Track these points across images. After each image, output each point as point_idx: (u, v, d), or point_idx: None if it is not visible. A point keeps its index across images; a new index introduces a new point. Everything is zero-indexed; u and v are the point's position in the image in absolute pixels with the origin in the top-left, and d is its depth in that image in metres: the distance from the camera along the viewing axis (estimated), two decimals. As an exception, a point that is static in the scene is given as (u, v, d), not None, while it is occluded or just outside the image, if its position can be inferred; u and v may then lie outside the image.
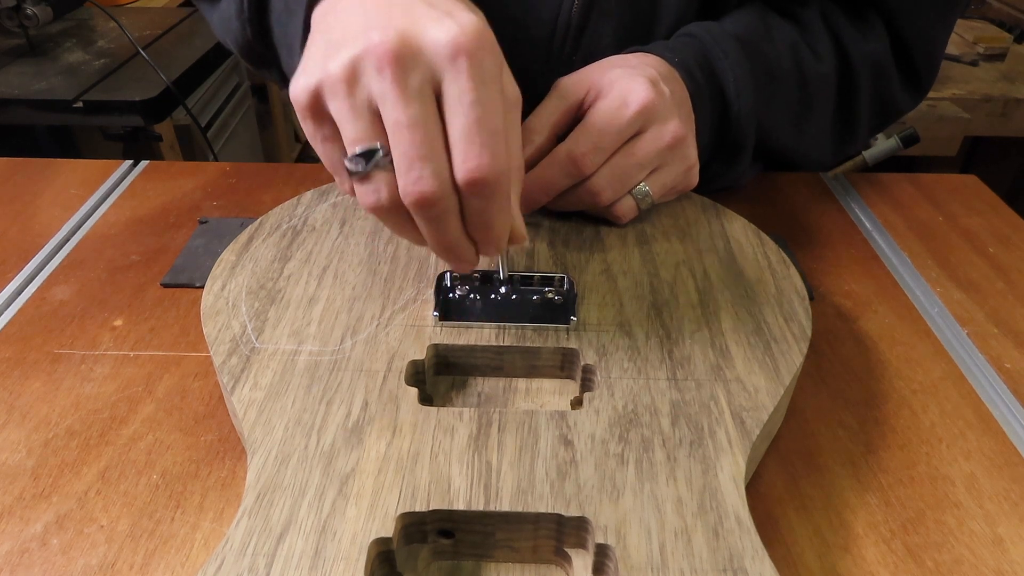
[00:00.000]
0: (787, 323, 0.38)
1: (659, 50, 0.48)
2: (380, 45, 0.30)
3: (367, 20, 0.32)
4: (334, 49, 0.32)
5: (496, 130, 0.31)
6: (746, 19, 0.52)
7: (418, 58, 0.31)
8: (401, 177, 0.31)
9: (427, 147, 0.31)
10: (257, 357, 0.35)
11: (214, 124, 1.43)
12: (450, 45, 0.31)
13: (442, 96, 0.31)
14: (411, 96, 0.31)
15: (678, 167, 0.44)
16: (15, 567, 0.31)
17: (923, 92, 0.59)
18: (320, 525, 0.28)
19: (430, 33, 0.31)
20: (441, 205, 0.32)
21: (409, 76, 0.31)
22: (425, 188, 0.31)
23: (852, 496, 0.34)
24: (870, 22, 0.55)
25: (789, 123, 0.53)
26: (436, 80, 0.31)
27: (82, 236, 0.52)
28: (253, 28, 0.48)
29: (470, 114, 0.31)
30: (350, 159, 0.32)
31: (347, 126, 0.32)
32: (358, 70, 0.31)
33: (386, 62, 0.30)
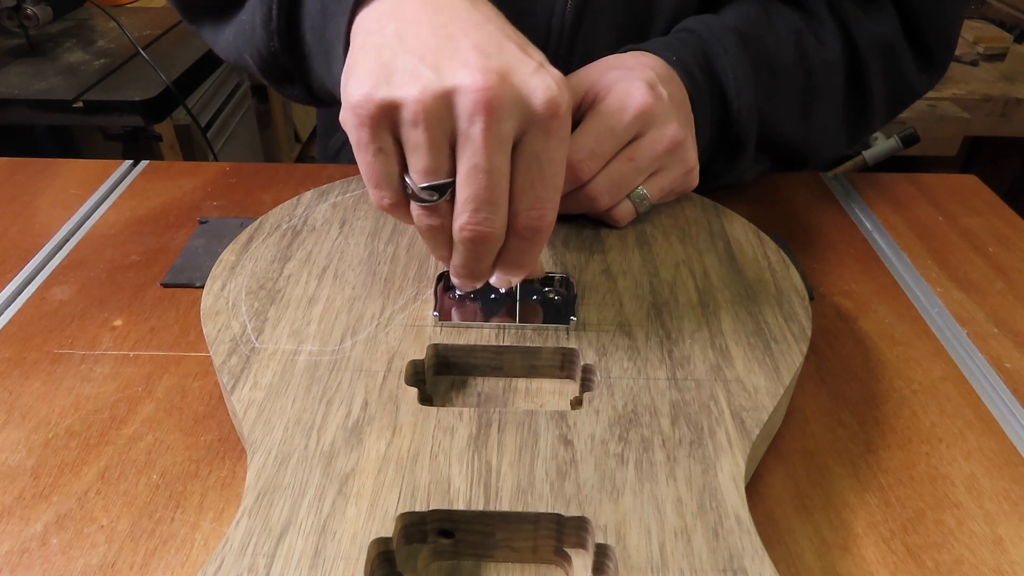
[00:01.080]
0: (787, 323, 0.38)
1: (657, 48, 0.47)
2: (482, 90, 0.30)
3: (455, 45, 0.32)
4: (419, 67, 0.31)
5: (559, 186, 0.33)
6: (747, 9, 0.51)
7: (512, 108, 0.31)
8: (466, 214, 0.32)
9: (498, 193, 0.32)
10: (257, 357, 0.35)
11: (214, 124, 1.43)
12: (548, 104, 0.31)
13: (520, 144, 0.32)
14: (497, 144, 0.31)
15: (677, 170, 0.44)
16: (15, 567, 0.31)
17: (939, 71, 0.58)
18: (320, 525, 0.28)
19: (530, 85, 0.31)
20: (492, 244, 0.33)
21: (502, 126, 0.31)
22: (487, 230, 0.32)
23: (852, 496, 0.34)
24: (878, 3, 0.53)
25: (794, 115, 0.52)
26: (521, 129, 0.32)
27: (82, 236, 0.52)
28: (282, 37, 0.45)
29: (547, 170, 0.32)
30: (423, 188, 0.32)
31: (423, 156, 0.32)
32: (450, 104, 0.31)
33: (483, 108, 0.30)
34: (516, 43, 0.33)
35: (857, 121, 0.56)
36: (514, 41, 0.33)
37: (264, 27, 0.45)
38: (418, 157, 0.32)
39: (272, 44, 0.46)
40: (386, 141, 0.32)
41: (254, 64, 0.49)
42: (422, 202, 0.33)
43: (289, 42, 0.46)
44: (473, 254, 0.34)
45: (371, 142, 0.32)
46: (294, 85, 0.49)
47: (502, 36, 0.33)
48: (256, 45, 0.47)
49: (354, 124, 0.32)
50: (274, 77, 0.49)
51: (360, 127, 0.32)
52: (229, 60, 0.52)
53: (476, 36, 0.32)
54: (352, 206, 0.47)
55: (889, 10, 0.54)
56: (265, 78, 0.50)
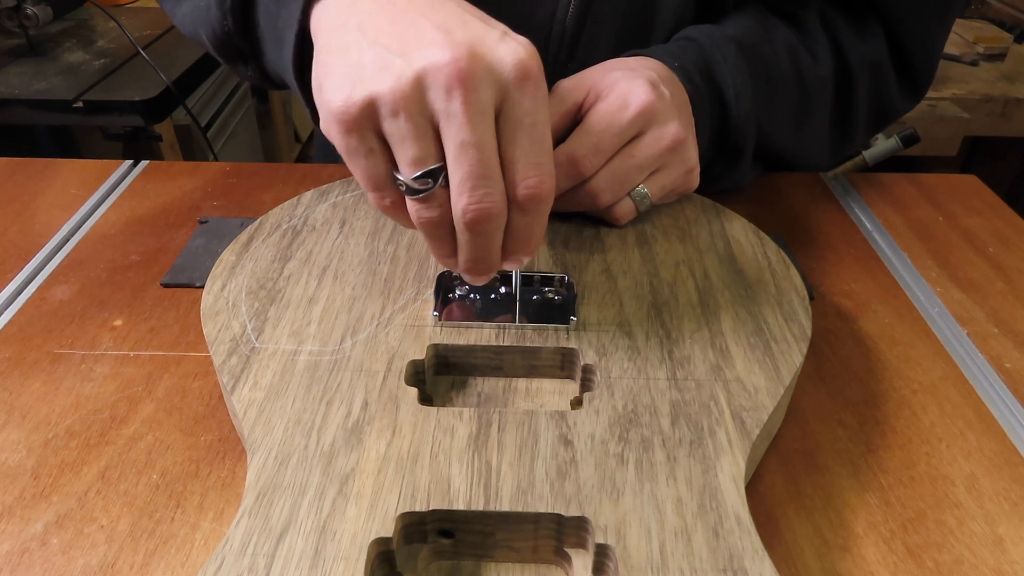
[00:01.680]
0: (787, 323, 0.38)
1: (658, 54, 0.47)
2: (452, 64, 0.30)
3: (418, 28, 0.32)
4: (388, 57, 0.31)
5: (550, 149, 0.33)
6: (744, 22, 0.52)
7: (486, 77, 0.31)
8: (463, 196, 0.31)
9: (491, 167, 0.31)
10: (257, 357, 0.35)
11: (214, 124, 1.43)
12: (518, 67, 0.31)
13: (501, 114, 0.32)
14: (479, 116, 0.31)
15: (678, 169, 0.44)
16: (15, 567, 0.31)
17: (920, 94, 0.59)
18: (320, 525, 0.28)
19: (498, 52, 0.31)
20: (497, 221, 0.32)
21: (478, 95, 0.30)
22: (489, 206, 0.32)
23: (852, 496, 0.34)
24: (869, 24, 0.55)
25: (788, 126, 0.53)
26: (498, 99, 0.31)
27: (82, 236, 0.52)
28: (236, 18, 0.45)
29: (531, 135, 0.32)
30: (415, 179, 0.32)
31: (409, 145, 0.31)
32: (423, 86, 0.31)
33: (457, 82, 0.30)
34: (478, 17, 0.33)
35: (841, 136, 0.58)
36: (475, 15, 0.33)
37: (219, 6, 0.45)
38: (405, 148, 0.32)
39: (226, 23, 0.45)
40: (374, 141, 0.32)
41: (208, 42, 0.49)
42: (416, 194, 0.32)
43: (243, 24, 0.45)
44: (480, 238, 0.33)
45: (360, 146, 0.32)
46: (247, 65, 0.49)
47: (462, 12, 0.33)
48: (211, 23, 0.46)
49: (340, 132, 0.32)
50: (228, 56, 0.49)
51: (347, 134, 0.32)
52: (186, 34, 0.52)
53: (437, 16, 0.32)
54: (352, 206, 0.47)
55: (879, 31, 0.55)
56: (219, 56, 0.50)
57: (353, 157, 0.33)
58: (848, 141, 0.58)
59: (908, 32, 0.55)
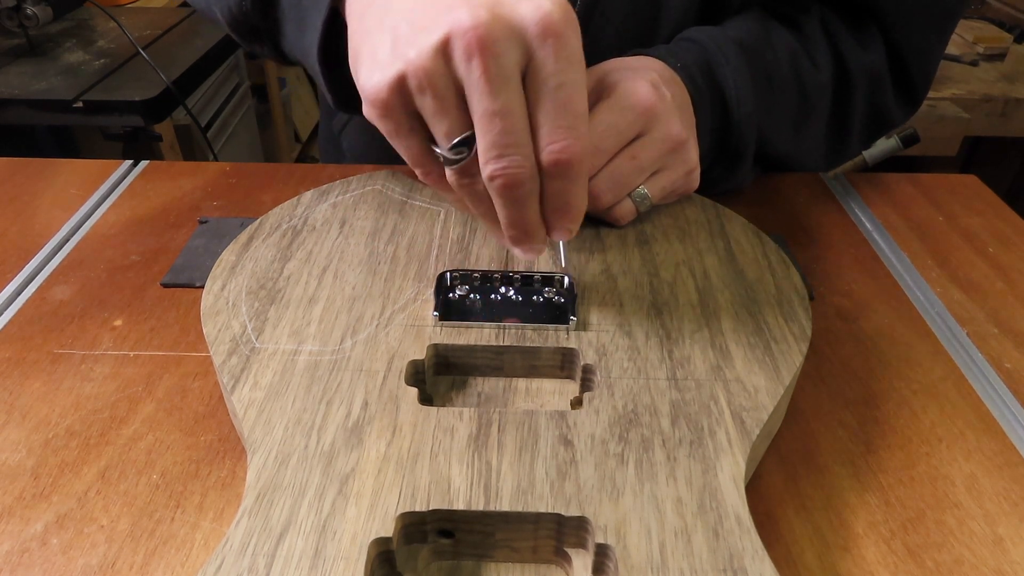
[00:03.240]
0: (787, 323, 0.38)
1: (661, 54, 0.47)
2: (471, 29, 0.29)
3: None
4: (412, 32, 0.30)
5: (581, 112, 0.31)
6: (747, 25, 0.52)
7: (507, 40, 0.29)
8: (490, 163, 0.31)
9: (517, 133, 0.30)
10: (257, 357, 0.35)
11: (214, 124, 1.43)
12: (541, 23, 0.29)
13: (527, 74, 0.30)
14: (501, 83, 0.29)
15: (678, 170, 0.44)
16: (15, 567, 0.31)
17: (916, 105, 0.59)
18: (320, 525, 0.28)
19: (519, 10, 0.30)
20: (527, 187, 0.32)
21: (500, 62, 0.29)
22: (515, 171, 0.31)
23: (852, 496, 0.34)
24: (869, 33, 0.55)
25: (787, 130, 0.53)
26: (524, 60, 0.30)
27: (82, 236, 0.52)
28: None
29: (559, 97, 0.30)
30: (451, 149, 0.31)
31: (440, 119, 0.31)
32: (446, 56, 0.30)
33: (476, 47, 0.29)
34: None
35: (837, 143, 0.58)
36: None
37: None
38: (437, 122, 0.31)
39: (244, 3, 0.44)
40: (412, 121, 0.32)
41: (223, 19, 0.47)
42: (453, 164, 0.32)
43: (263, 3, 0.44)
44: (513, 203, 0.32)
45: (399, 126, 0.32)
46: (263, 44, 0.48)
47: None
48: (228, 2, 0.45)
49: (377, 116, 0.32)
50: (242, 34, 0.48)
51: (385, 117, 0.31)
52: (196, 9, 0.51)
53: None
54: (352, 206, 0.47)
55: (878, 40, 0.55)
56: (233, 33, 0.49)
57: (395, 138, 0.32)
58: (843, 148, 0.58)
59: (907, 43, 0.55)
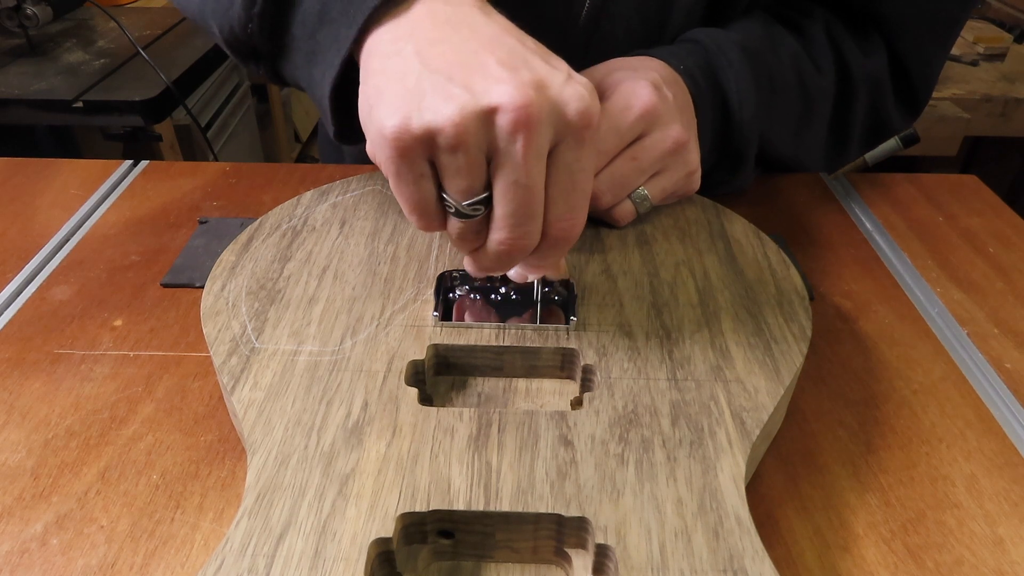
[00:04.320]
0: (787, 323, 0.38)
1: (663, 55, 0.47)
2: (523, 108, 0.29)
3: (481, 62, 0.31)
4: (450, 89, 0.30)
5: (589, 192, 0.33)
6: (750, 28, 0.52)
7: (549, 121, 0.30)
8: (504, 230, 0.32)
9: (536, 207, 0.32)
10: (257, 357, 0.35)
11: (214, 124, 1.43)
12: (582, 115, 0.31)
13: (552, 154, 0.32)
14: (535, 160, 0.30)
15: (679, 172, 0.44)
16: (15, 567, 0.31)
17: (917, 112, 0.59)
18: (320, 525, 0.28)
19: (564, 96, 0.31)
20: (525, 253, 0.33)
21: (540, 139, 0.30)
22: (523, 244, 0.33)
23: (852, 496, 0.34)
24: (871, 40, 0.55)
25: (788, 133, 0.53)
26: (555, 141, 0.31)
27: (82, 236, 0.52)
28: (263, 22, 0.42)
29: (577, 180, 0.32)
30: (469, 205, 0.32)
31: (463, 177, 0.31)
32: (488, 123, 0.30)
33: (522, 126, 0.29)
34: (539, 54, 0.32)
35: (836, 147, 0.58)
36: (537, 52, 0.32)
37: (244, 8, 0.42)
38: (459, 179, 0.31)
39: (250, 26, 0.43)
40: (424, 168, 0.32)
41: (219, 35, 0.46)
42: (466, 218, 0.33)
43: (271, 29, 0.43)
44: (506, 261, 0.34)
45: (410, 172, 0.31)
46: (259, 65, 0.47)
47: (524, 49, 0.32)
48: (229, 20, 0.44)
49: (391, 157, 0.31)
50: (239, 53, 0.47)
51: (400, 159, 0.31)
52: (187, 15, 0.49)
53: (500, 51, 0.31)
54: (352, 206, 0.47)
55: (881, 46, 0.55)
56: (228, 50, 0.47)
57: (400, 182, 0.32)
58: (843, 152, 0.58)
59: (909, 50, 0.55)
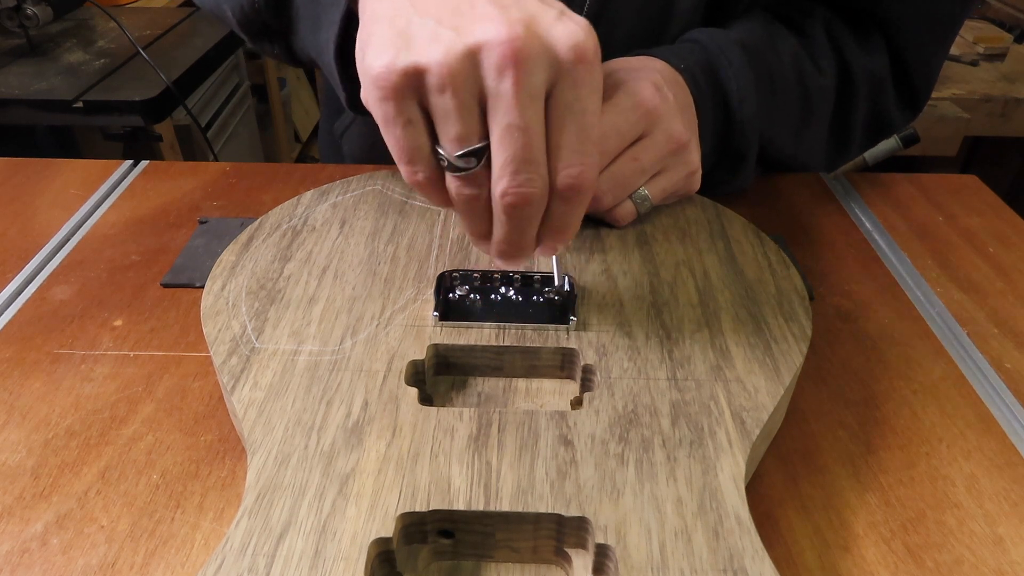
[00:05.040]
0: (787, 323, 0.38)
1: (664, 54, 0.47)
2: (507, 42, 0.28)
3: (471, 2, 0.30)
4: (437, 29, 0.30)
5: (595, 138, 0.31)
6: (751, 28, 0.52)
7: (540, 58, 0.29)
8: (504, 179, 0.30)
9: (536, 151, 0.30)
10: (257, 357, 0.35)
11: (214, 124, 1.43)
12: (575, 50, 0.30)
13: (551, 96, 0.30)
14: (528, 99, 0.29)
15: (680, 172, 0.44)
16: (15, 567, 0.31)
17: (917, 111, 0.59)
18: (320, 525, 0.28)
19: (554, 33, 0.30)
20: (536, 207, 0.31)
21: (531, 79, 0.29)
22: (530, 191, 0.31)
23: (852, 496, 0.34)
24: (872, 39, 0.55)
25: (788, 133, 0.53)
26: (550, 81, 0.30)
27: (82, 236, 0.52)
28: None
29: (581, 122, 0.31)
30: (460, 156, 0.31)
31: (454, 122, 0.30)
32: (476, 62, 0.29)
33: (510, 62, 0.29)
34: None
35: (837, 146, 0.58)
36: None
37: None
38: (449, 124, 0.30)
39: (257, 2, 0.44)
40: (414, 112, 0.31)
41: (233, 18, 0.47)
42: (459, 171, 0.31)
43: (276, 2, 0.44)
44: (517, 221, 0.32)
45: (398, 115, 0.30)
46: (274, 44, 0.47)
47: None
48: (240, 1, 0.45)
49: (378, 98, 0.31)
50: (253, 33, 0.47)
51: (384, 100, 0.30)
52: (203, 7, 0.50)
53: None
54: (352, 206, 0.47)
55: (881, 45, 0.55)
56: (243, 32, 0.48)
57: (389, 126, 0.31)
58: (844, 151, 0.58)
59: (909, 49, 0.55)
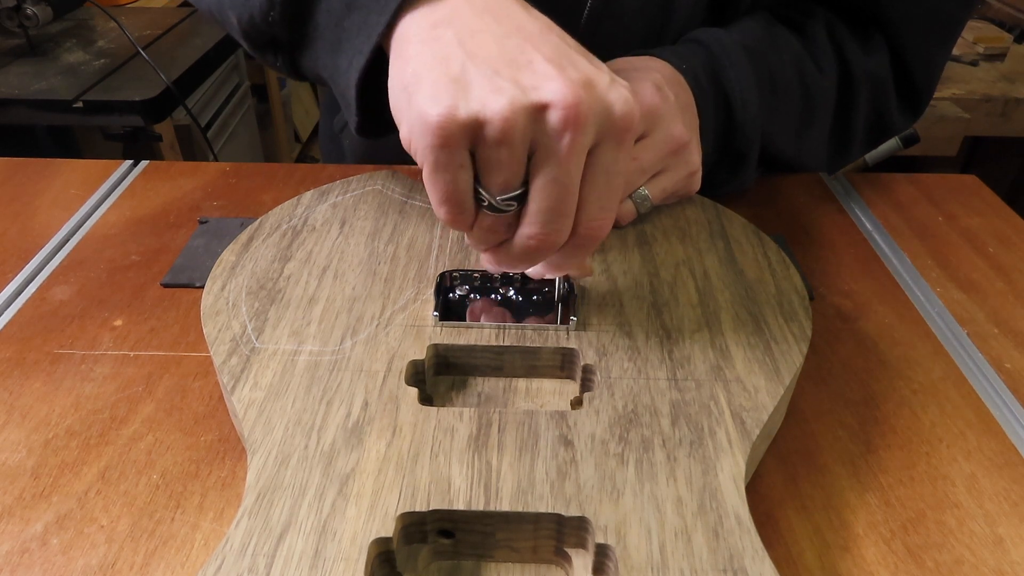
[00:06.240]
0: (787, 323, 0.38)
1: (666, 55, 0.47)
2: (573, 107, 0.29)
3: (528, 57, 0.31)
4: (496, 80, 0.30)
5: (620, 194, 0.33)
6: (752, 28, 0.52)
7: (594, 123, 0.30)
8: (535, 225, 0.32)
9: (570, 205, 0.31)
10: (257, 357, 0.35)
11: (214, 124, 1.43)
12: (626, 119, 0.31)
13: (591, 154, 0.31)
14: (576, 159, 0.30)
15: (680, 172, 0.44)
16: (15, 567, 0.31)
17: (919, 112, 0.59)
18: (320, 525, 0.28)
19: (610, 97, 0.30)
20: (554, 250, 0.33)
21: (585, 140, 0.30)
22: (555, 240, 0.32)
23: (852, 496, 0.34)
24: (873, 40, 0.55)
25: (789, 134, 0.53)
26: (595, 142, 0.31)
27: (82, 236, 0.52)
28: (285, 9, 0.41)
29: (613, 183, 0.32)
30: (504, 200, 0.31)
31: (504, 171, 0.31)
32: (537, 119, 0.30)
33: (571, 124, 0.29)
34: (582, 54, 0.32)
35: (838, 148, 0.57)
36: (579, 51, 0.32)
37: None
38: (499, 173, 0.31)
39: (272, 15, 0.42)
40: (465, 159, 0.31)
41: (238, 25, 0.45)
42: (499, 212, 0.32)
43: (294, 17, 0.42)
44: (529, 257, 0.33)
45: (450, 161, 0.31)
46: (278, 56, 0.46)
47: (568, 47, 0.32)
48: (250, 10, 0.43)
49: (432, 145, 0.30)
50: (257, 44, 0.46)
51: (442, 148, 0.30)
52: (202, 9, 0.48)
53: (545, 48, 0.31)
54: (352, 206, 0.47)
55: (883, 46, 0.55)
56: (245, 41, 0.46)
57: (439, 171, 0.31)
58: (845, 153, 0.58)
59: (911, 50, 0.55)
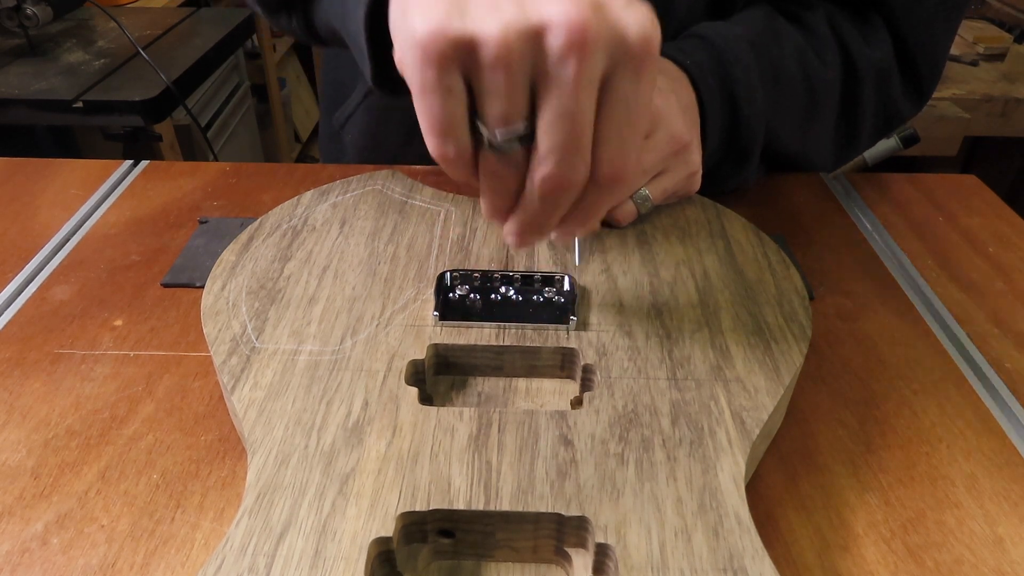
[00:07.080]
0: (787, 323, 0.38)
1: (669, 51, 0.47)
2: (577, 26, 0.26)
3: None
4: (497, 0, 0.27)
5: (643, 132, 0.30)
6: (754, 22, 0.51)
7: (606, 46, 0.27)
8: (549, 164, 0.29)
9: (585, 140, 0.29)
10: (257, 357, 0.35)
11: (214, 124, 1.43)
12: (643, 42, 0.28)
13: (607, 83, 0.28)
14: (586, 88, 0.28)
15: (680, 172, 0.44)
16: (15, 567, 0.31)
17: (924, 99, 0.59)
18: (320, 525, 0.28)
19: (625, 19, 0.27)
20: (574, 193, 0.30)
21: (594, 65, 0.27)
22: (572, 180, 0.29)
23: (852, 496, 0.34)
24: (875, 29, 0.55)
25: (795, 128, 0.53)
26: (610, 68, 0.28)
27: (82, 236, 0.52)
28: None
29: (633, 116, 0.29)
30: (502, 135, 0.29)
31: (502, 101, 0.28)
32: (538, 42, 0.27)
33: (576, 48, 0.26)
34: None
35: (846, 141, 0.57)
36: None
37: None
38: (497, 102, 0.28)
39: None
40: (455, 82, 0.28)
41: None
42: (500, 152, 0.29)
43: None
44: (551, 205, 0.30)
45: (438, 83, 0.28)
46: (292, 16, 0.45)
47: None
48: None
49: (419, 62, 0.28)
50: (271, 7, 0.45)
51: (427, 66, 0.28)
52: None
53: None
54: (352, 206, 0.47)
55: (885, 35, 0.55)
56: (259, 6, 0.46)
57: (426, 93, 0.28)
58: (853, 145, 0.58)
59: (913, 35, 0.55)
